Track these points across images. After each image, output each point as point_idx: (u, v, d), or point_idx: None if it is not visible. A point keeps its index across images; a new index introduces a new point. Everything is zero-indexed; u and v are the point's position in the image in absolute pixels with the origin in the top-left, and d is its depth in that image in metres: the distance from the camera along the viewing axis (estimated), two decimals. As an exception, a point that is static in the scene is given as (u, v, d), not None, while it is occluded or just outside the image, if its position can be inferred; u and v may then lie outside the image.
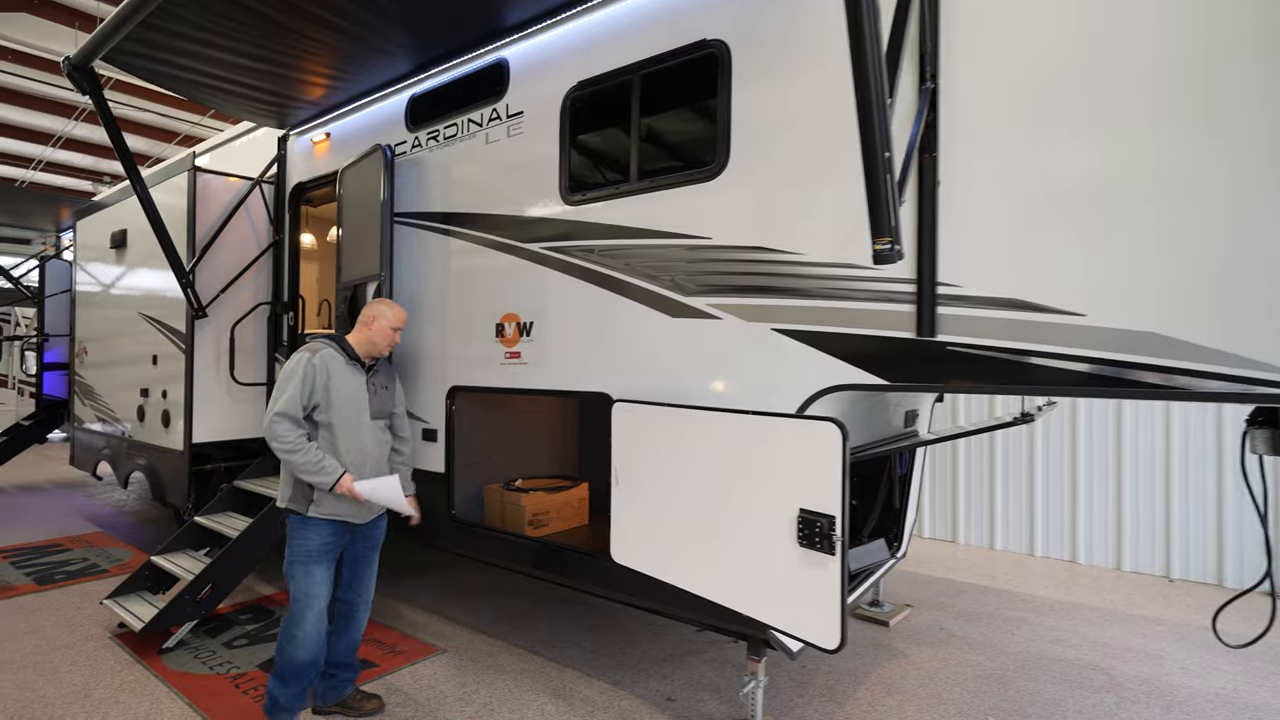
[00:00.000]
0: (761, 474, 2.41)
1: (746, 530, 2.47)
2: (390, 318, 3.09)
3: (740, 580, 2.54)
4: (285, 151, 5.15)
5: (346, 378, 2.97)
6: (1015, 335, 2.12)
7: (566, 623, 4.29)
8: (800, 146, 2.58)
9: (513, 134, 3.58)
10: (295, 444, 2.79)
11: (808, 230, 2.56)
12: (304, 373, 2.86)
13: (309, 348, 2.97)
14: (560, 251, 3.34)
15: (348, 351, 3.03)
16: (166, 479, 5.20)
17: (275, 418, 2.80)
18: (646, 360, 3.01)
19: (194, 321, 4.84)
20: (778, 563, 2.35)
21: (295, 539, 2.94)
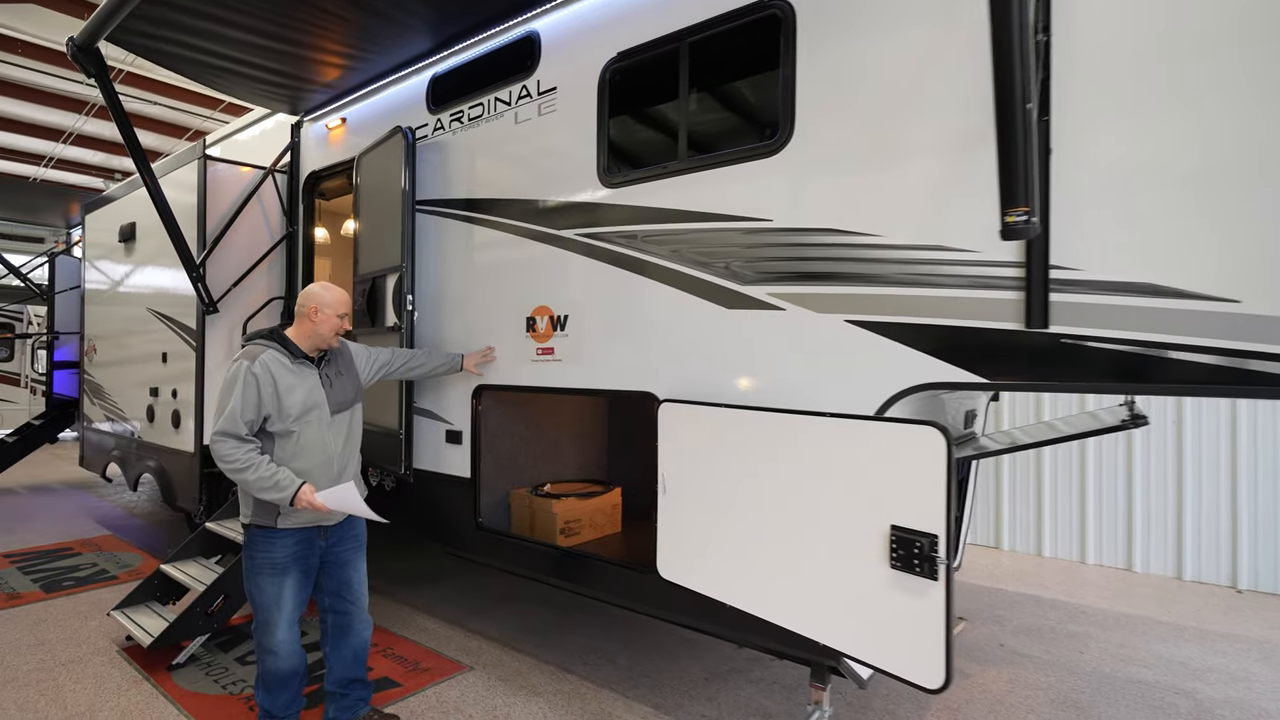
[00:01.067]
0: (843, 485, 2.12)
1: (822, 548, 2.19)
2: (333, 304, 2.72)
3: (812, 604, 2.26)
4: (298, 139, 4.91)
5: (295, 379, 2.65)
6: (1148, 325, 1.82)
7: (598, 637, 4.02)
8: (879, 115, 2.29)
9: (544, 112, 3.31)
10: (244, 460, 2.50)
11: (887, 209, 2.27)
12: (244, 383, 2.54)
13: (246, 353, 2.62)
14: (598, 238, 3.07)
15: (291, 350, 2.68)
16: (177, 482, 4.98)
17: (217, 437, 2.52)
18: (697, 356, 2.73)
19: (204, 317, 4.61)
20: (862, 587, 2.06)
21: (259, 551, 2.68)
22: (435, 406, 3.82)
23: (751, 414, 2.42)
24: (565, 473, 4.29)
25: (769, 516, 2.37)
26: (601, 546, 3.78)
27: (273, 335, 2.77)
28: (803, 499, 2.27)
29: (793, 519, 2.30)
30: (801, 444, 2.28)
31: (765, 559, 2.39)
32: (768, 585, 2.38)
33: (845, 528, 2.12)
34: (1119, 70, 1.88)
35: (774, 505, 2.35)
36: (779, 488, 2.34)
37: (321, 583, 2.84)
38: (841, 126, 2.37)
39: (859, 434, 2.08)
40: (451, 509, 3.75)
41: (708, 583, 2.60)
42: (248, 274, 4.74)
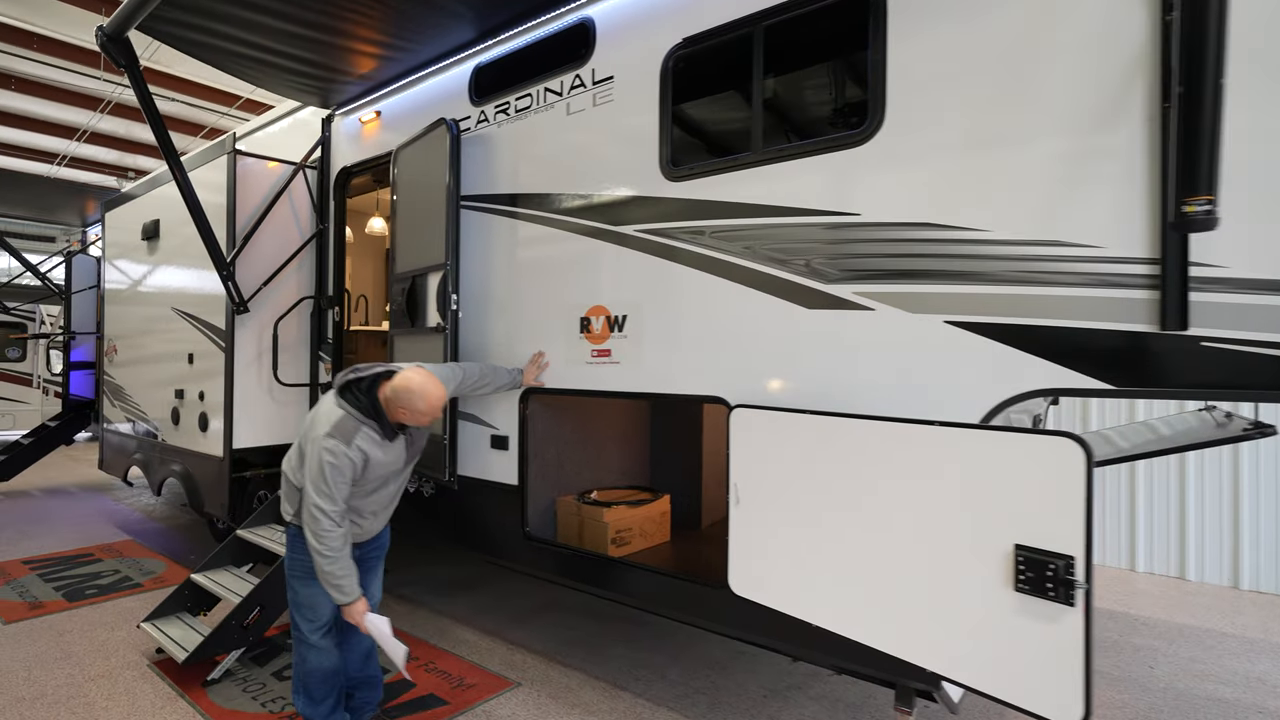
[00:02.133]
0: (954, 499, 1.96)
1: (928, 567, 2.03)
2: (428, 412, 2.54)
3: (913, 626, 2.10)
4: (330, 133, 4.76)
5: (383, 454, 2.60)
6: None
7: (645, 649, 3.86)
8: (986, 99, 2.13)
9: (600, 103, 3.15)
10: (333, 549, 2.45)
11: (995, 203, 2.10)
12: (342, 468, 2.45)
13: (341, 431, 2.47)
14: (660, 234, 2.91)
15: (384, 429, 2.58)
16: (204, 487, 4.83)
17: (319, 513, 2.44)
18: (773, 359, 2.57)
19: (234, 317, 4.46)
20: (977, 610, 1.90)
21: (298, 553, 2.66)
22: (479, 411, 3.67)
23: (846, 421, 2.25)
24: (609, 478, 4.14)
25: (863, 531, 2.21)
26: (652, 556, 3.62)
27: (368, 409, 2.56)
28: (905, 513, 2.10)
29: (892, 535, 2.14)
30: (906, 454, 2.11)
31: (857, 577, 2.22)
32: (859, 604, 2.22)
33: (957, 546, 1.95)
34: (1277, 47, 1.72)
35: (870, 519, 2.19)
36: (876, 501, 2.17)
37: None
38: (940, 112, 2.21)
39: (978, 444, 1.91)
40: (497, 517, 3.60)
41: (786, 599, 2.44)
42: (278, 273, 4.59)
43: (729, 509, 2.62)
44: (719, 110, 2.87)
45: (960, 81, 2.18)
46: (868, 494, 2.19)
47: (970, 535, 1.93)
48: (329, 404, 2.58)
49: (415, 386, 2.52)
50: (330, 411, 2.53)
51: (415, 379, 2.54)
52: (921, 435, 2.04)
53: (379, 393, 2.57)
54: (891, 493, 2.14)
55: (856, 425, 2.21)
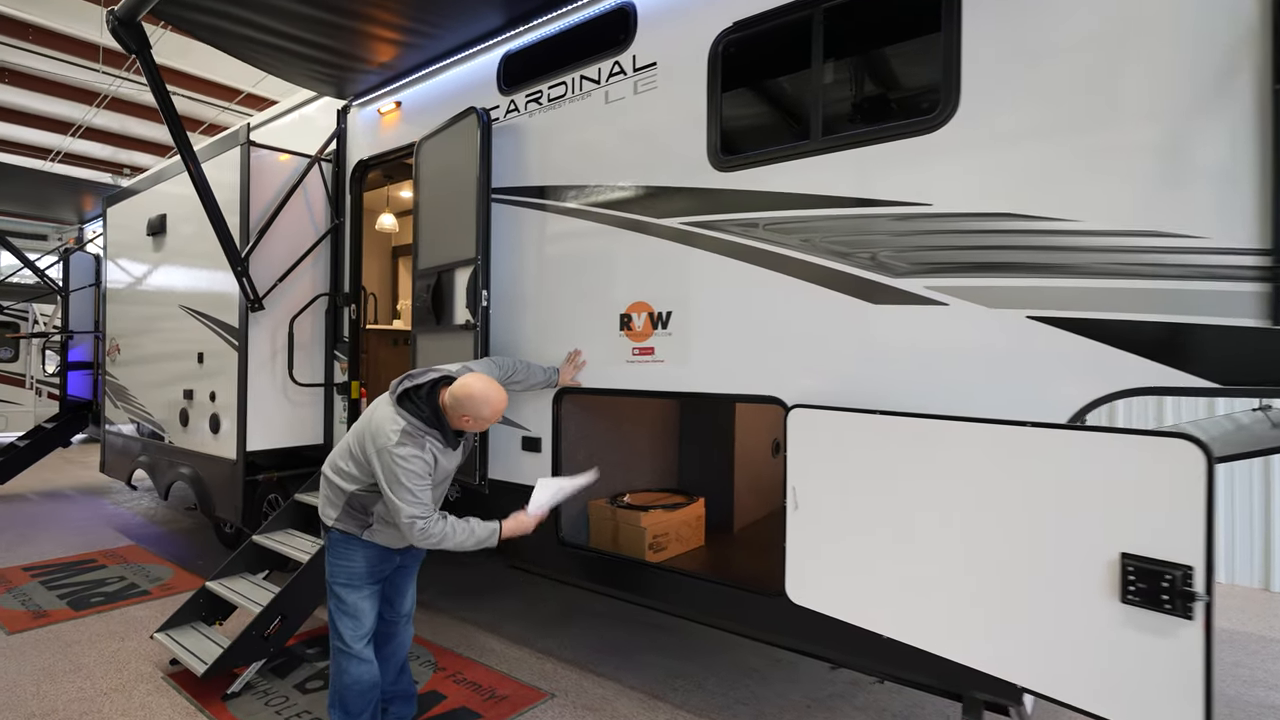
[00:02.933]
0: (1049, 504, 1.85)
1: (1015, 577, 1.91)
2: (490, 418, 2.48)
3: (997, 638, 1.98)
4: (345, 125, 4.61)
5: (445, 460, 2.54)
6: None
7: (679, 656, 3.74)
8: (1073, 80, 2.02)
9: (642, 90, 3.03)
10: (453, 532, 2.43)
11: (1084, 191, 1.99)
12: (424, 471, 2.40)
13: (410, 439, 2.38)
14: (709, 227, 2.79)
15: (447, 438, 2.51)
16: (216, 491, 4.67)
17: (410, 520, 2.35)
18: (835, 357, 2.46)
19: (247, 315, 4.31)
20: (1079, 622, 1.79)
21: (340, 559, 2.58)
22: (510, 412, 3.52)
23: (923, 422, 2.14)
24: (640, 481, 4.01)
25: (940, 538, 2.10)
26: (690, 561, 3.50)
27: (430, 418, 2.46)
28: (989, 519, 1.99)
29: (974, 542, 2.02)
30: (991, 456, 2.00)
31: (932, 586, 2.11)
32: (934, 615, 2.10)
33: (1050, 554, 1.84)
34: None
35: (948, 525, 2.08)
36: (956, 505, 2.06)
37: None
38: (1022, 96, 2.10)
39: (1078, 446, 1.80)
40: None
41: (852, 610, 2.32)
42: (293, 269, 4.44)
43: (785, 514, 2.50)
44: (774, 97, 2.74)
45: (1044, 62, 2.06)
46: (947, 498, 2.08)
47: (1066, 542, 1.82)
48: (388, 412, 2.45)
49: (478, 393, 2.42)
50: (393, 419, 2.42)
51: (477, 385, 2.44)
52: (1011, 436, 1.92)
53: (439, 400, 2.46)
54: (973, 497, 2.02)
55: (935, 426, 2.09)
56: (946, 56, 2.22)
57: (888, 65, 2.49)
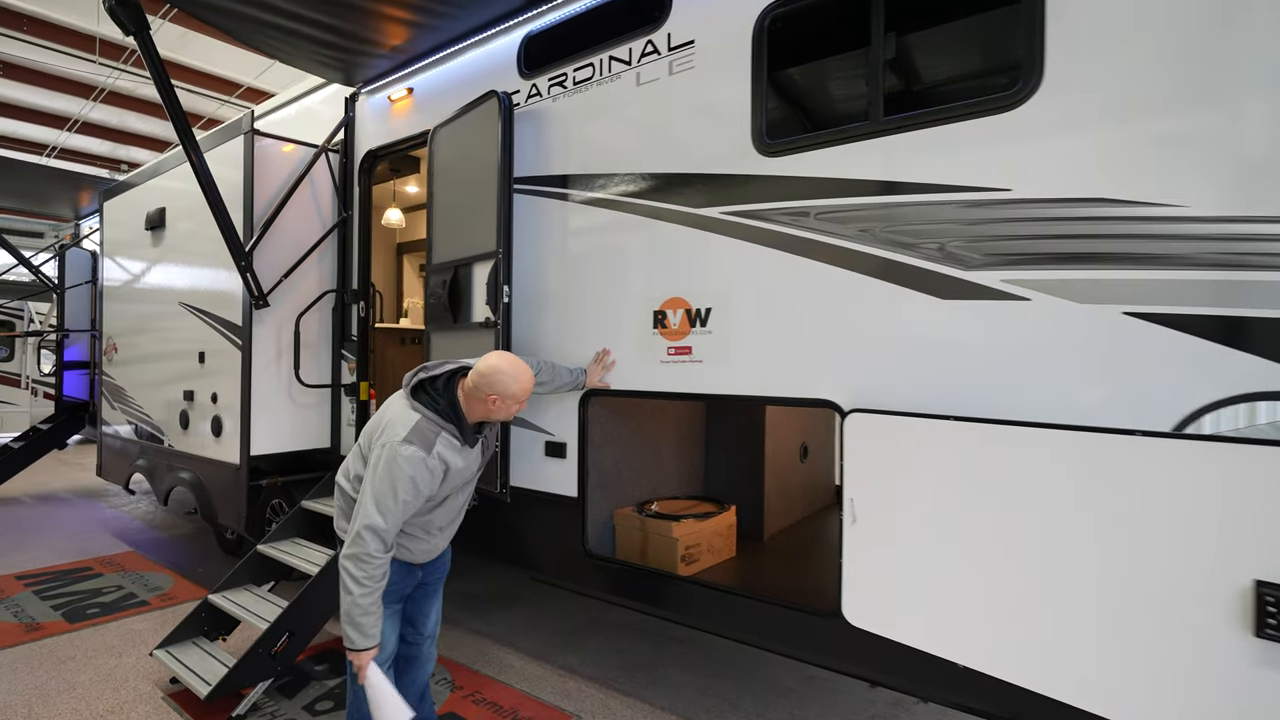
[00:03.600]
0: (1161, 523, 1.65)
1: (1121, 604, 1.72)
2: (518, 395, 2.23)
3: (1102, 672, 1.79)
4: (354, 113, 4.40)
5: (462, 460, 2.26)
6: None
7: (707, 674, 3.54)
8: (1177, 49, 1.81)
9: (677, 71, 2.82)
10: (372, 579, 2.08)
11: (1191, 173, 1.79)
12: (420, 480, 2.11)
13: (420, 435, 2.12)
14: (753, 216, 2.59)
15: (464, 433, 2.24)
16: (218, 496, 4.46)
17: (371, 534, 2.06)
18: (898, 356, 2.25)
19: (252, 312, 4.10)
20: (1200, 657, 1.59)
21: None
22: (532, 415, 3.33)
23: (1004, 429, 1.94)
24: (665, 487, 3.81)
25: (1023, 558, 1.90)
26: (722, 574, 3.30)
27: (446, 411, 2.22)
28: (1087, 539, 1.79)
29: (1069, 564, 1.82)
30: (1089, 468, 1.80)
31: (1018, 612, 1.91)
32: (1020, 645, 1.91)
33: (1163, 580, 1.64)
34: None
35: (1033, 544, 1.88)
36: (1044, 522, 1.86)
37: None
38: (1116, 68, 1.90)
39: (1197, 458, 1.60)
40: (552, 533, 3.26)
41: (921, 635, 2.12)
42: (299, 264, 4.23)
43: (842, 528, 2.30)
44: (827, 76, 2.54)
45: (1142, 28, 1.86)
46: (1031, 513, 1.88)
47: (1181, 567, 1.62)
48: (401, 406, 2.24)
49: (506, 367, 2.20)
50: (405, 415, 2.19)
51: (503, 361, 2.22)
52: (1114, 446, 1.72)
53: (457, 390, 2.24)
54: (1068, 514, 1.82)
55: (1021, 434, 1.89)
56: (1029, 24, 2.01)
57: (958, 38, 2.29)
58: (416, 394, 2.25)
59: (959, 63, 2.22)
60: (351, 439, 4.39)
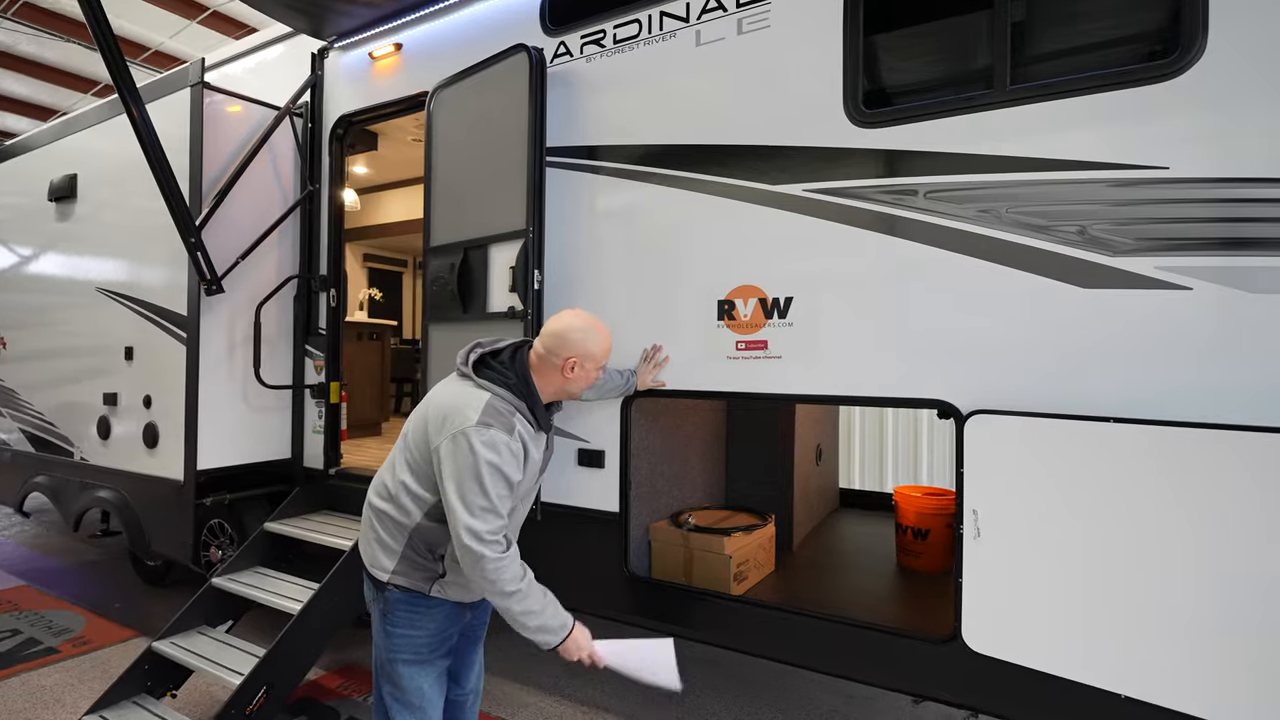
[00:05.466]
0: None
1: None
2: (599, 355, 1.89)
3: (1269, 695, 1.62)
4: (323, 72, 3.80)
5: (536, 453, 1.88)
6: None
7: (743, 699, 3.24)
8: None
9: (749, 30, 2.50)
10: (517, 579, 1.71)
11: (1385, 150, 1.65)
12: (507, 469, 1.70)
13: (496, 416, 1.72)
14: (845, 195, 2.30)
15: (539, 416, 1.85)
16: (153, 521, 3.74)
17: (482, 543, 1.65)
18: (1028, 352, 2.03)
19: (200, 299, 3.44)
20: None
21: (401, 627, 1.86)
22: (562, 419, 2.91)
23: (1171, 432, 1.74)
24: (693, 496, 3.48)
25: (1196, 572, 1.71)
26: (769, 591, 3.01)
27: (519, 386, 1.81)
28: (1264, 549, 1.61)
29: (1246, 578, 1.64)
30: (1266, 472, 1.62)
31: (1190, 635, 1.72)
32: (1193, 670, 1.71)
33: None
34: None
35: (1207, 556, 1.69)
36: (1216, 532, 1.67)
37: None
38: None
39: None
40: (588, 554, 2.86)
41: (1065, 662, 1.90)
42: (258, 244, 3.60)
43: (961, 543, 2.06)
44: (943, 37, 2.29)
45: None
46: (1200, 523, 1.69)
47: None
48: (459, 388, 1.82)
49: (581, 323, 1.85)
50: (470, 395, 1.76)
51: (576, 317, 1.87)
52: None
53: (527, 363, 1.85)
54: (1239, 521, 1.64)
55: (1184, 436, 1.70)
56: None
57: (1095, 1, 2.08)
58: (479, 371, 1.83)
59: (1100, 25, 2.02)
60: (318, 447, 3.80)
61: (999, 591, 2.01)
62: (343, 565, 2.92)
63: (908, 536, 3.35)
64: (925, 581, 3.17)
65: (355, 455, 4.28)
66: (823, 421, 4.34)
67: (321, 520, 3.54)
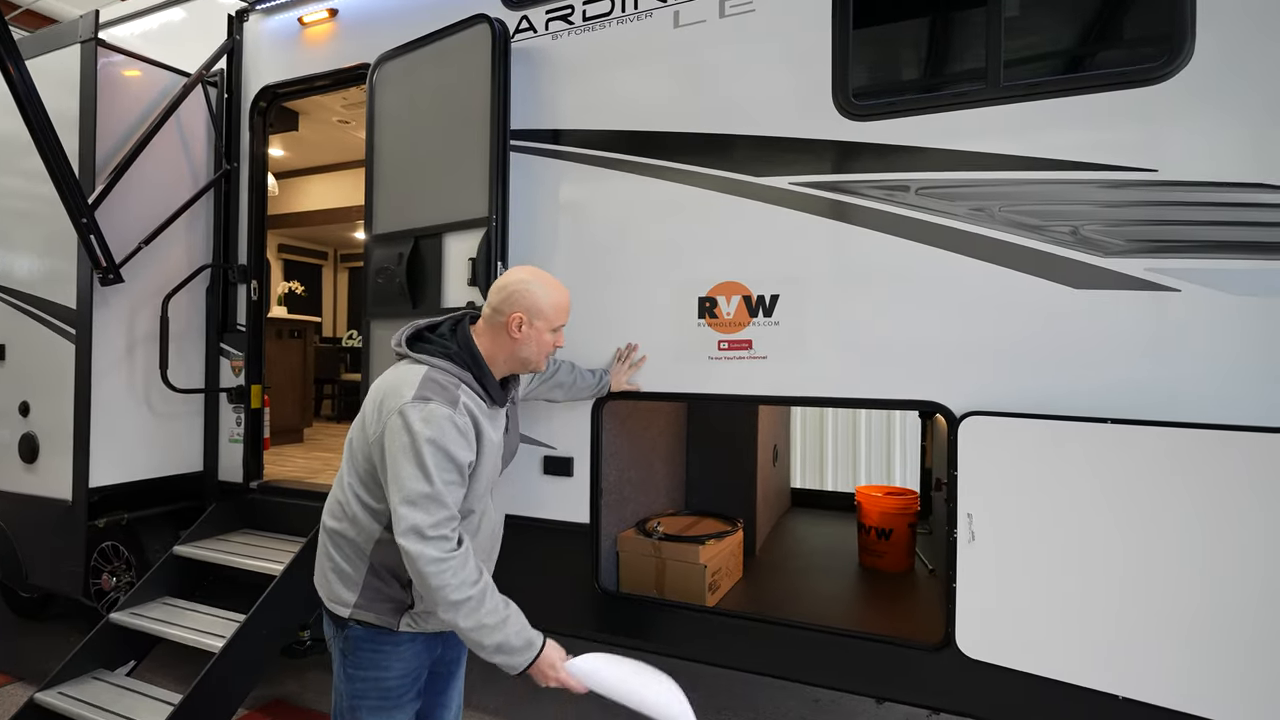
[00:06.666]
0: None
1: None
2: (553, 311, 1.64)
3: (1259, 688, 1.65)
4: (242, 37, 3.39)
5: (492, 429, 1.61)
6: None
7: (710, 711, 3.13)
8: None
9: (731, 12, 2.38)
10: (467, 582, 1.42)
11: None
12: (452, 446, 1.45)
13: (435, 389, 1.49)
14: (834, 189, 2.22)
15: (490, 389, 1.61)
16: (32, 548, 3.21)
17: (415, 538, 1.40)
18: (1020, 353, 2.01)
19: (94, 291, 2.97)
20: None
21: (364, 668, 1.61)
22: (525, 423, 2.69)
23: (1165, 432, 1.75)
24: (656, 502, 3.33)
25: (1190, 571, 1.72)
26: (740, 599, 2.92)
27: (460, 355, 1.59)
28: (1255, 548, 1.65)
29: (1238, 576, 1.67)
30: (1255, 471, 1.66)
31: (1186, 633, 1.73)
32: (1194, 670, 1.73)
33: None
34: None
35: (1200, 554, 1.71)
36: (1208, 531, 1.70)
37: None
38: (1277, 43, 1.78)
39: None
40: (554, 569, 2.66)
41: (1058, 665, 1.89)
42: (164, 228, 3.16)
43: (955, 548, 2.02)
44: (936, 31, 2.24)
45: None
46: (1193, 521, 1.71)
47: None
48: (394, 370, 1.59)
49: (530, 276, 1.63)
50: (407, 373, 1.54)
51: (525, 271, 1.66)
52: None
53: (470, 333, 1.62)
54: (1230, 521, 1.67)
55: (1176, 436, 1.72)
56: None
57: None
58: (415, 346, 1.60)
59: (1093, 27, 2.02)
60: (235, 458, 3.38)
61: (994, 596, 1.98)
62: (273, 593, 2.58)
63: (871, 536, 3.34)
64: (892, 582, 3.17)
65: (277, 466, 3.87)
66: (777, 422, 4.31)
67: (242, 541, 3.15)
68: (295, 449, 4.65)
